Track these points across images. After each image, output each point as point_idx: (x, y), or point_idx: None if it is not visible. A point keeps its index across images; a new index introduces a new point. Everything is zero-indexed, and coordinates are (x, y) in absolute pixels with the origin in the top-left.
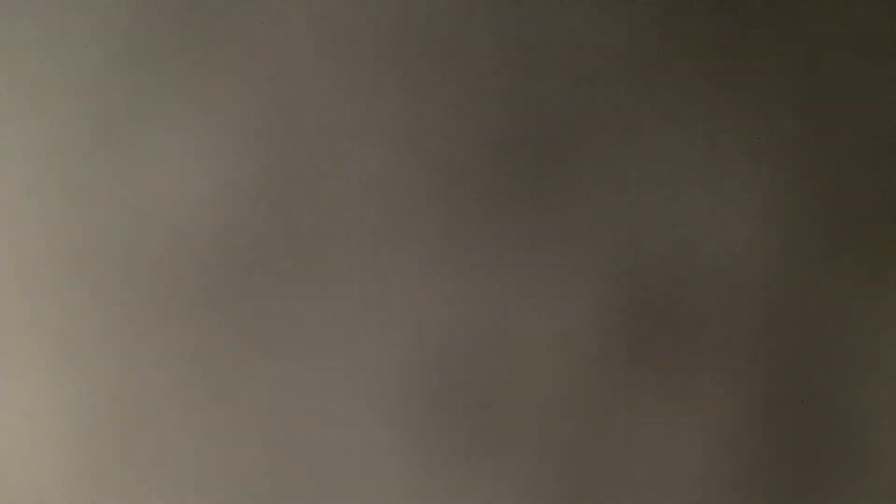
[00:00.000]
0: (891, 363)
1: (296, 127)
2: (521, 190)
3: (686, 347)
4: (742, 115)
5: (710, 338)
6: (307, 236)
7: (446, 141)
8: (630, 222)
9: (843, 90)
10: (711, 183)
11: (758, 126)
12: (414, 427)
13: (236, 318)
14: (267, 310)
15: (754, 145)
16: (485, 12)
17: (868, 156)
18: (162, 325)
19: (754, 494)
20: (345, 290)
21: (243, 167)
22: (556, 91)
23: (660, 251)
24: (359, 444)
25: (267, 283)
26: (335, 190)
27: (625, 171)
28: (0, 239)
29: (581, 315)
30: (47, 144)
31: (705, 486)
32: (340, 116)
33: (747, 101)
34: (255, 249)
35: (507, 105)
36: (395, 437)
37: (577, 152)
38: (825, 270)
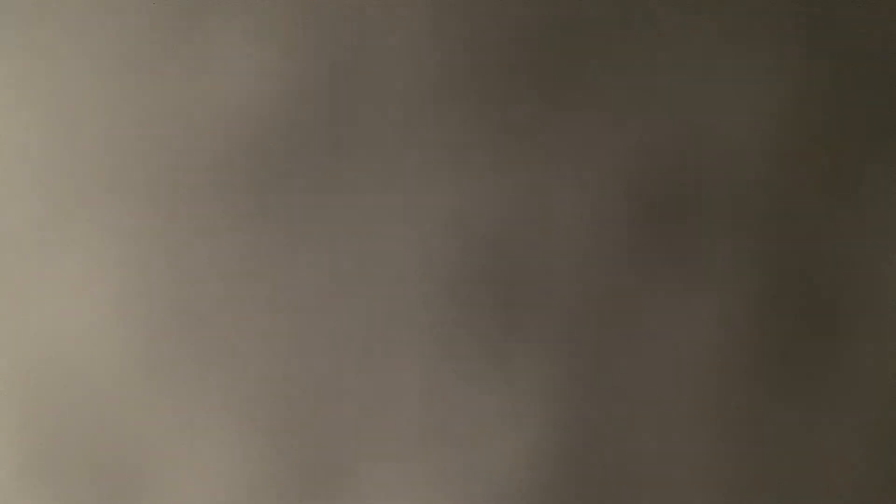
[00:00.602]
0: (893, 235)
1: (331, 35)
2: (540, 86)
3: (697, 227)
4: (753, 2)
5: (720, 215)
6: (342, 131)
7: (472, 32)
8: (643, 111)
9: None
10: (722, 69)
11: (766, 10)
12: (441, 306)
13: (283, 212)
14: (308, 203)
15: (763, 30)
16: None
17: (873, 41)
18: (216, 218)
19: (762, 368)
20: (380, 178)
21: (288, 70)
22: None
23: (671, 136)
24: (390, 324)
25: (308, 180)
26: (371, 89)
27: (638, 60)
28: (69, 141)
29: (597, 200)
30: (117, 54)
31: (715, 360)
32: (371, 24)
33: None
34: (297, 146)
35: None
36: (424, 313)
37: (593, 44)
38: (830, 149)
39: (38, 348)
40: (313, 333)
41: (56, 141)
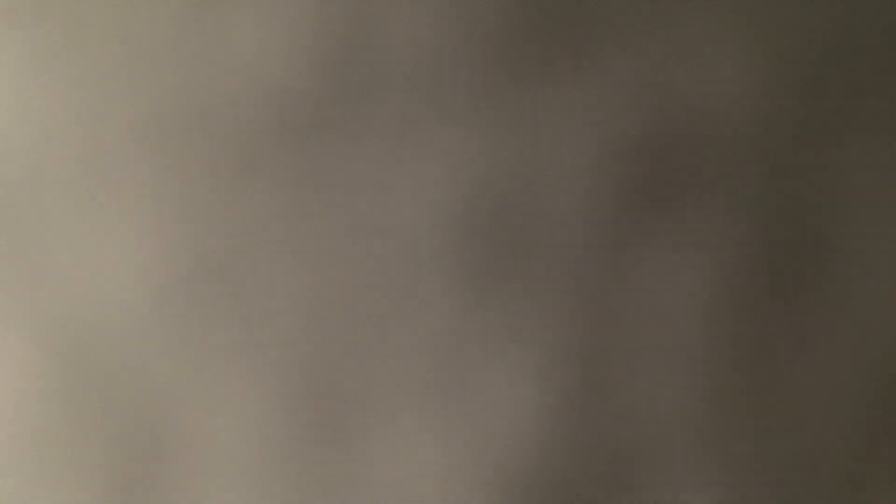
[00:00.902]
0: (880, 199)
1: (344, 3)
2: (542, 49)
3: (689, 186)
4: None
5: (710, 176)
6: (359, 96)
7: (479, 6)
8: (639, 71)
9: None
10: (713, 27)
11: None
12: (452, 254)
13: (302, 171)
14: (326, 163)
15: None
16: None
17: (865, 13)
18: (241, 178)
19: (751, 326)
20: (394, 138)
21: (308, 36)
22: None
23: (665, 94)
24: (407, 270)
25: (326, 141)
26: (382, 53)
27: (633, 29)
28: (97, 104)
29: (593, 159)
30: (146, 23)
31: (706, 315)
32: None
33: None
34: (316, 111)
35: None
36: (434, 264)
37: (590, 15)
38: (817, 104)
39: (65, 304)
40: (331, 287)
41: (89, 108)
